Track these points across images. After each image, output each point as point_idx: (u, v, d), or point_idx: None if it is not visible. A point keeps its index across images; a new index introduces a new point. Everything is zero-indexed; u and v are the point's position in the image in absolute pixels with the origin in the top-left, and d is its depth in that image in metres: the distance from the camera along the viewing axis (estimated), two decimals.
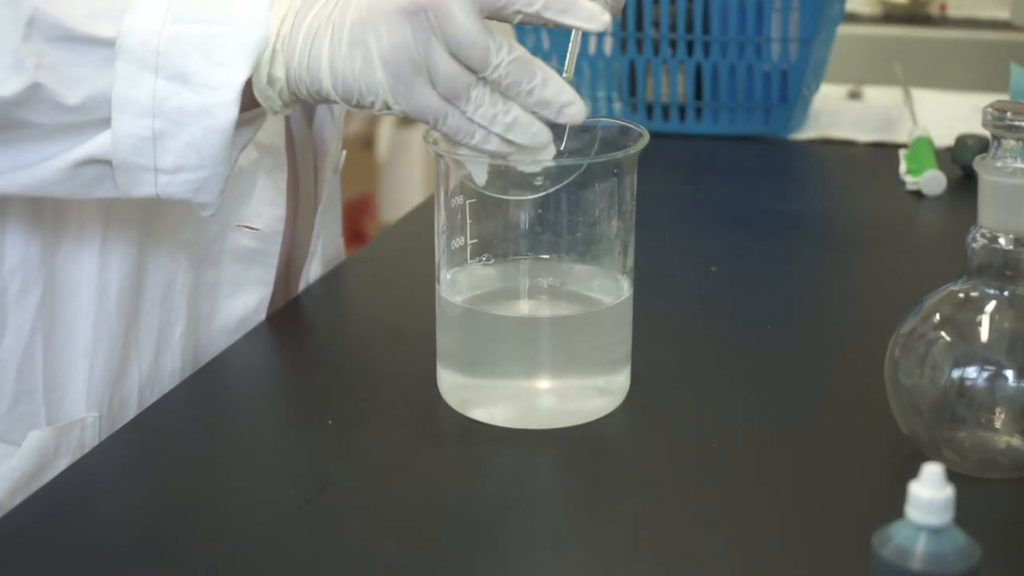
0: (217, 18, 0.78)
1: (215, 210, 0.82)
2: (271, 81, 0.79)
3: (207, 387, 0.91)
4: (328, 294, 1.07)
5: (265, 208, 0.98)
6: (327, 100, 0.78)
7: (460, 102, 0.74)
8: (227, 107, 0.77)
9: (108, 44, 0.77)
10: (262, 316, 1.00)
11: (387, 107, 0.76)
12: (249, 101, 0.79)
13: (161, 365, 0.95)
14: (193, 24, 0.78)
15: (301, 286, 1.05)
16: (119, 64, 0.77)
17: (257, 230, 0.97)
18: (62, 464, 0.89)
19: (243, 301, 0.98)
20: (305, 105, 1.03)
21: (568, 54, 0.79)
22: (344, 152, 1.11)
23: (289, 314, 1.02)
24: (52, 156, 0.79)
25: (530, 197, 0.80)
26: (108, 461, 0.81)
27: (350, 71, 0.76)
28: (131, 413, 0.93)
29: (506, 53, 0.73)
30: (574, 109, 0.74)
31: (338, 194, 1.12)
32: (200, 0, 0.79)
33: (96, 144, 0.79)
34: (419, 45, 0.73)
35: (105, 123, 0.78)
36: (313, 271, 1.06)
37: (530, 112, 0.74)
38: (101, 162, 0.79)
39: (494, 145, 0.75)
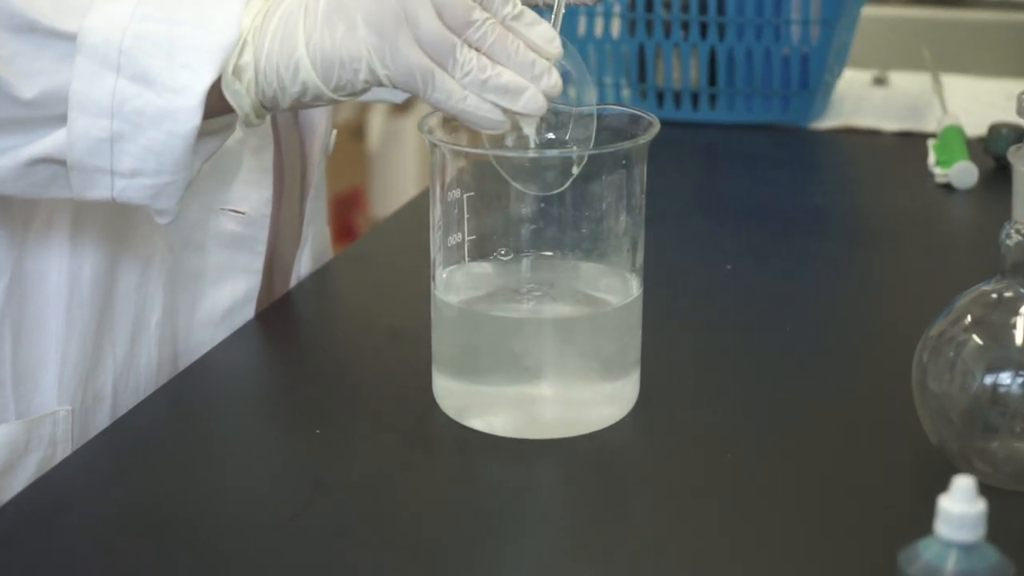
0: (187, 19, 0.78)
1: (173, 217, 0.83)
2: (238, 72, 0.79)
3: (188, 391, 0.91)
4: (316, 293, 1.07)
5: (251, 190, 0.98)
6: (300, 97, 0.78)
7: (447, 64, 0.75)
8: (190, 112, 0.78)
9: (69, 38, 0.78)
10: (250, 307, 1.00)
11: (371, 76, 0.76)
12: (218, 106, 0.80)
13: (137, 355, 0.95)
14: (161, 24, 0.78)
15: (293, 278, 1.06)
16: (79, 60, 0.78)
17: (243, 214, 0.98)
18: (32, 460, 0.90)
19: (228, 290, 0.99)
20: None
21: (552, 21, 0.80)
22: (335, 132, 1.11)
23: (275, 314, 1.02)
24: (3, 152, 0.80)
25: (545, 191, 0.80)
26: (81, 471, 0.81)
27: (329, 40, 0.76)
28: (105, 407, 0.93)
29: (483, 14, 0.74)
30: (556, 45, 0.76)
31: (324, 180, 1.12)
32: (173, 0, 0.79)
33: (50, 142, 0.79)
34: (401, 2, 0.74)
35: (61, 120, 0.79)
36: (304, 262, 1.06)
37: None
38: (55, 161, 0.80)
39: (486, 111, 0.75)
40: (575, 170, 0.79)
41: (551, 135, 0.82)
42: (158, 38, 0.78)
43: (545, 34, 0.76)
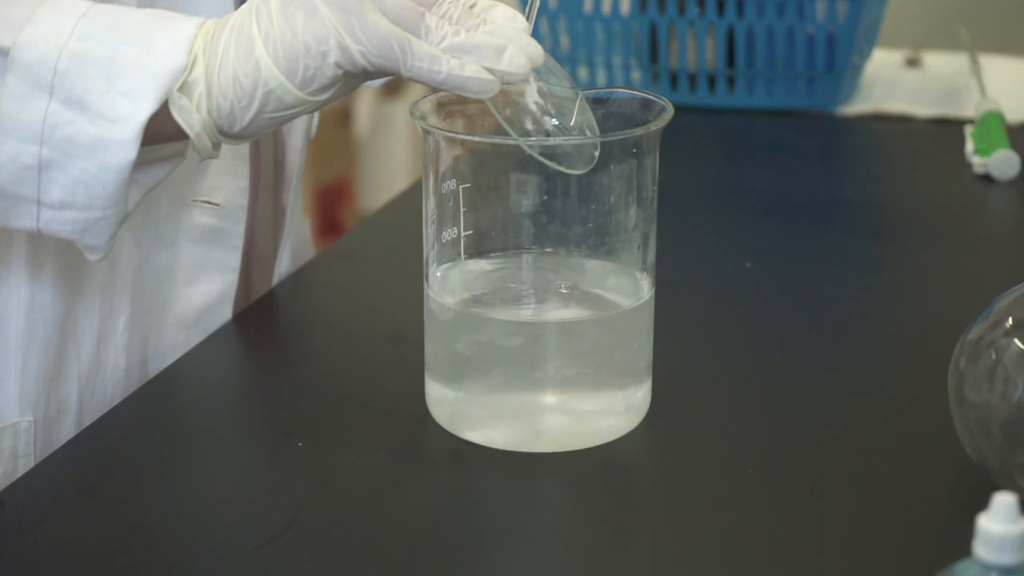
0: (132, 39, 0.78)
1: (104, 255, 0.83)
2: (186, 88, 0.78)
3: (159, 399, 0.91)
4: (298, 293, 1.07)
5: (226, 180, 0.98)
6: (263, 106, 0.77)
7: (419, 31, 0.75)
8: (125, 145, 0.78)
9: (2, 53, 0.77)
10: (227, 307, 1.00)
11: (343, 56, 0.75)
12: (168, 129, 0.79)
13: (103, 362, 0.95)
14: (103, 43, 0.78)
15: (275, 276, 1.06)
16: (9, 79, 0.77)
17: (217, 205, 0.98)
18: None
19: (203, 289, 0.99)
20: None
21: (528, 5, 0.80)
22: (317, 114, 1.10)
23: (254, 315, 1.02)
24: None
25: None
26: (44, 487, 0.81)
27: (289, 32, 0.76)
28: (70, 417, 0.93)
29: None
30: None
31: (303, 168, 1.12)
32: (119, 18, 0.79)
33: None
34: None
35: None
36: (284, 259, 1.06)
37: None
38: None
39: (473, 71, 0.75)
40: (596, 152, 0.79)
41: (555, 121, 0.82)
42: (98, 59, 0.77)
43: (506, 12, 0.77)
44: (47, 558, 0.74)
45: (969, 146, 1.35)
